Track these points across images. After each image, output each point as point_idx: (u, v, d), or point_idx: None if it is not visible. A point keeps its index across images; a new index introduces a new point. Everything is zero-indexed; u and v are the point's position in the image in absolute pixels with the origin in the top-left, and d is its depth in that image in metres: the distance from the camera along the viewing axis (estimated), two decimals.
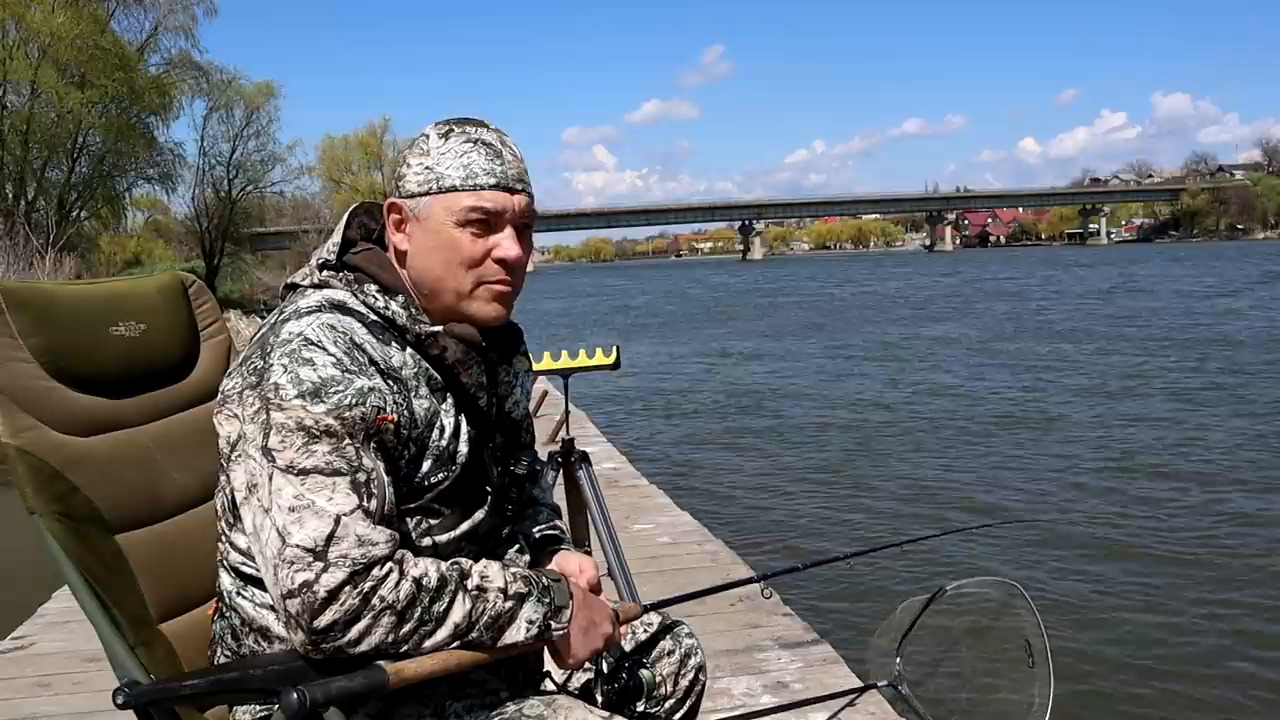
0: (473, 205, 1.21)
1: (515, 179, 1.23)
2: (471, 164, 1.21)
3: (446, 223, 1.22)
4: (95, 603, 1.23)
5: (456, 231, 1.21)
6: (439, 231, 1.22)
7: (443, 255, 1.22)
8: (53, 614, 3.87)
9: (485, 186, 1.21)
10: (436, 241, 1.22)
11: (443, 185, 1.21)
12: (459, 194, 1.21)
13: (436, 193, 1.22)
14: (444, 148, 1.22)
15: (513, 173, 1.23)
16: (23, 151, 26.19)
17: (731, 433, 10.40)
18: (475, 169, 1.21)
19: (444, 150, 1.22)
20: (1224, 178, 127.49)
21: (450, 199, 1.21)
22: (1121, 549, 5.82)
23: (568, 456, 2.89)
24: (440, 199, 1.22)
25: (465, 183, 1.21)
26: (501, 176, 1.22)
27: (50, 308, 1.33)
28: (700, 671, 1.49)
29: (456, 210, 1.21)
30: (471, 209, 1.21)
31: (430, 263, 1.23)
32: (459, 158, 1.21)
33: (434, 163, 1.22)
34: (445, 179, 1.21)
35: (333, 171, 55.38)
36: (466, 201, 1.21)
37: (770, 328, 24.50)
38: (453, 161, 1.21)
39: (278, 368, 1.11)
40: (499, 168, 1.22)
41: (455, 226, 1.21)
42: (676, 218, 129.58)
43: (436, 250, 1.23)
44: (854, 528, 6.53)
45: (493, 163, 1.22)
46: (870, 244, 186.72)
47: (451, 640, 1.11)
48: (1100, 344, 17.03)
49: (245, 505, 1.13)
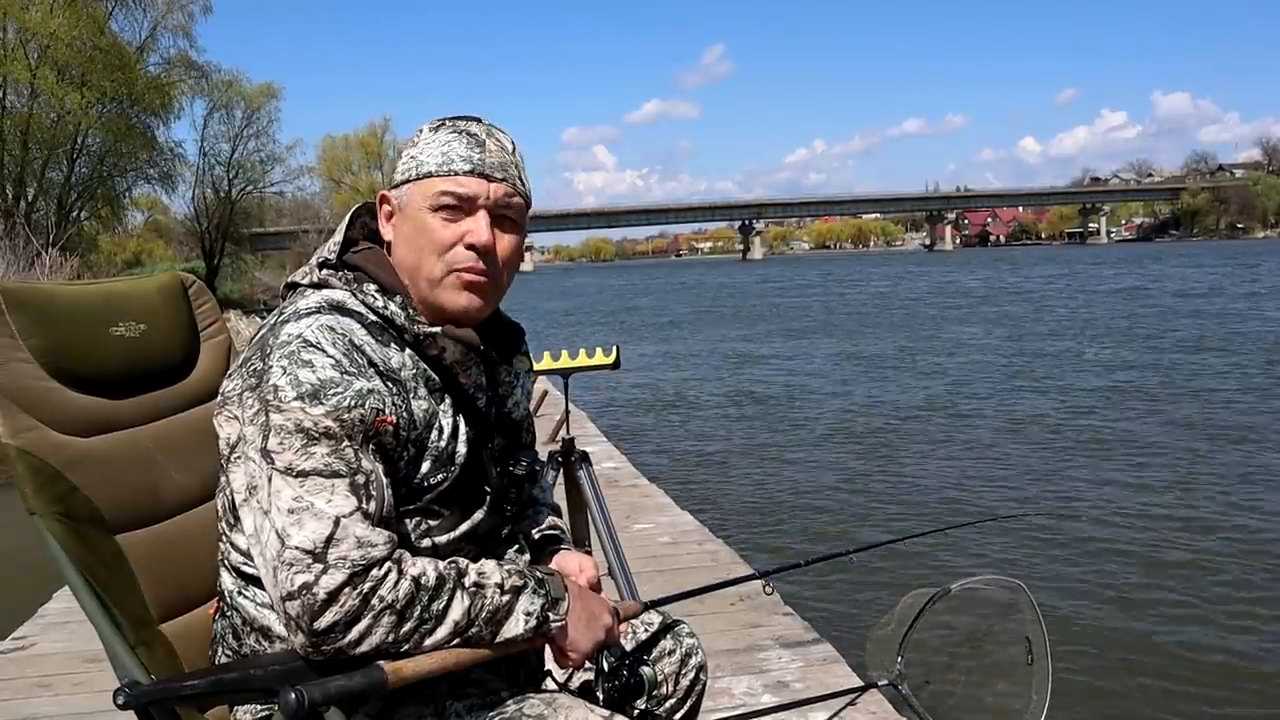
0: (444, 189, 1.21)
1: (495, 167, 1.23)
2: (450, 151, 1.22)
3: (422, 208, 1.22)
4: (96, 603, 1.23)
5: (429, 216, 1.22)
6: (414, 217, 1.23)
7: (416, 242, 1.23)
8: (53, 614, 3.87)
9: (460, 172, 1.21)
10: (412, 228, 1.23)
11: (420, 172, 1.22)
12: (434, 179, 1.21)
13: (415, 179, 1.22)
14: (431, 139, 1.23)
15: (493, 160, 1.23)
16: (22, 152, 26.18)
17: (732, 432, 10.41)
18: (452, 155, 1.22)
19: (429, 141, 1.23)
20: (1224, 177, 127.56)
21: (426, 184, 1.22)
22: (1123, 548, 5.82)
23: (568, 456, 2.89)
24: (418, 185, 1.22)
25: (440, 168, 1.21)
26: (478, 164, 1.22)
27: (50, 308, 1.33)
28: (701, 671, 1.49)
29: (430, 195, 1.21)
30: (443, 193, 1.21)
31: (409, 251, 1.24)
32: (440, 146, 1.22)
33: (418, 152, 1.23)
34: (423, 165, 1.22)
35: (333, 171, 55.47)
36: (440, 186, 1.21)
37: (770, 328, 24.49)
38: (434, 150, 1.22)
39: (277, 369, 1.11)
40: (477, 155, 1.22)
41: (429, 211, 1.22)
42: (676, 217, 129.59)
43: (412, 237, 1.23)
44: (855, 526, 6.53)
45: (471, 150, 1.22)
46: (870, 244, 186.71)
47: (451, 638, 1.11)
48: (1102, 345, 17.03)
49: (245, 507, 1.13)
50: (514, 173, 1.25)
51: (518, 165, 1.26)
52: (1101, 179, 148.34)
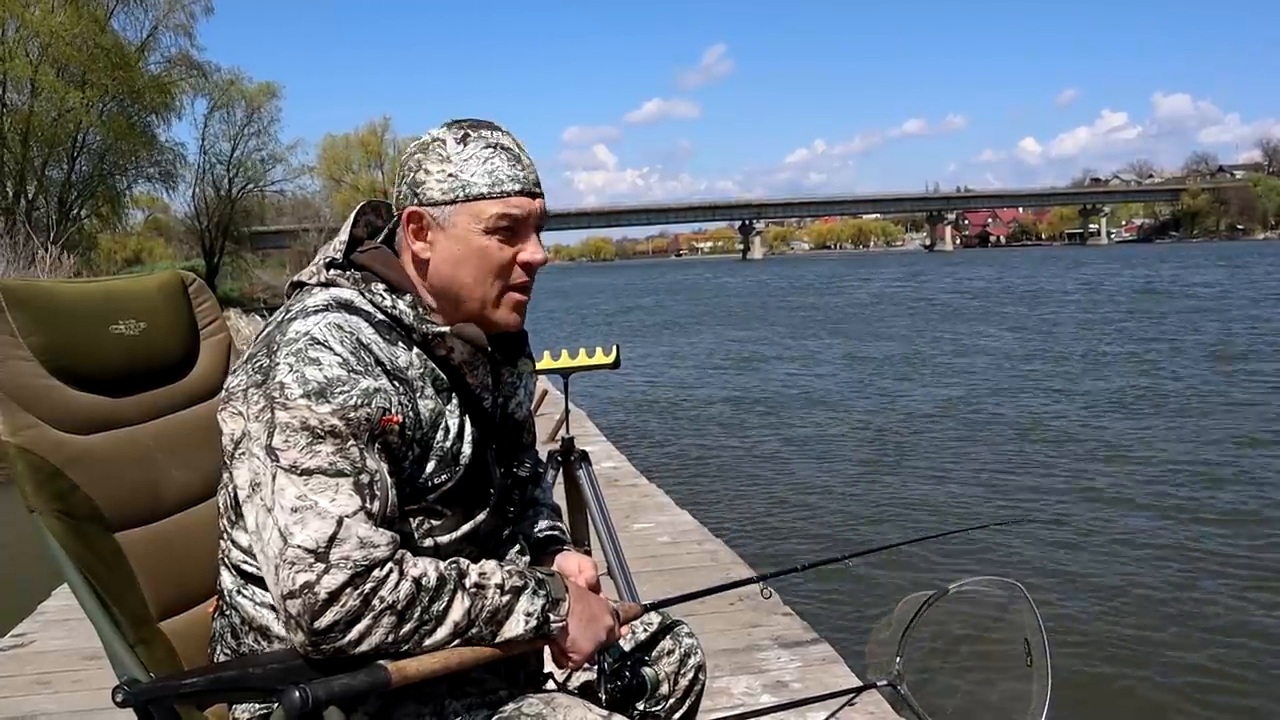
0: (501, 213, 1.20)
1: (535, 183, 1.24)
2: (496, 170, 1.21)
3: (474, 230, 1.21)
4: (95, 601, 1.23)
5: (484, 239, 1.21)
6: (466, 240, 1.21)
7: (472, 264, 1.22)
8: (52, 612, 3.87)
9: (511, 193, 1.21)
10: (465, 250, 1.22)
11: (470, 193, 1.20)
12: (486, 201, 1.21)
13: (463, 200, 1.21)
14: (465, 154, 1.21)
15: (533, 177, 1.24)
16: (23, 149, 26.21)
17: (732, 432, 10.41)
18: (500, 175, 1.21)
19: (466, 157, 1.21)
20: (1224, 178, 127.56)
21: (477, 207, 1.21)
22: (1122, 549, 5.82)
23: (567, 456, 2.89)
24: (467, 207, 1.21)
25: (492, 190, 1.20)
26: (525, 182, 1.22)
27: (50, 306, 1.33)
28: (700, 671, 1.49)
29: (485, 218, 1.21)
30: (500, 216, 1.21)
31: (458, 272, 1.23)
32: (482, 164, 1.21)
33: (457, 170, 1.21)
34: (472, 187, 1.20)
35: (333, 170, 55.49)
36: (494, 209, 1.20)
37: (770, 328, 24.49)
38: (477, 168, 1.21)
39: (283, 366, 1.11)
40: (521, 173, 1.22)
41: (483, 234, 1.21)
42: (677, 217, 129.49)
43: (465, 259, 1.22)
44: (854, 528, 6.52)
45: (515, 168, 1.22)
46: (870, 244, 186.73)
47: (451, 639, 1.11)
48: (1102, 345, 17.03)
49: (248, 504, 1.13)
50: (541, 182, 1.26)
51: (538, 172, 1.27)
52: (1102, 180, 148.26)
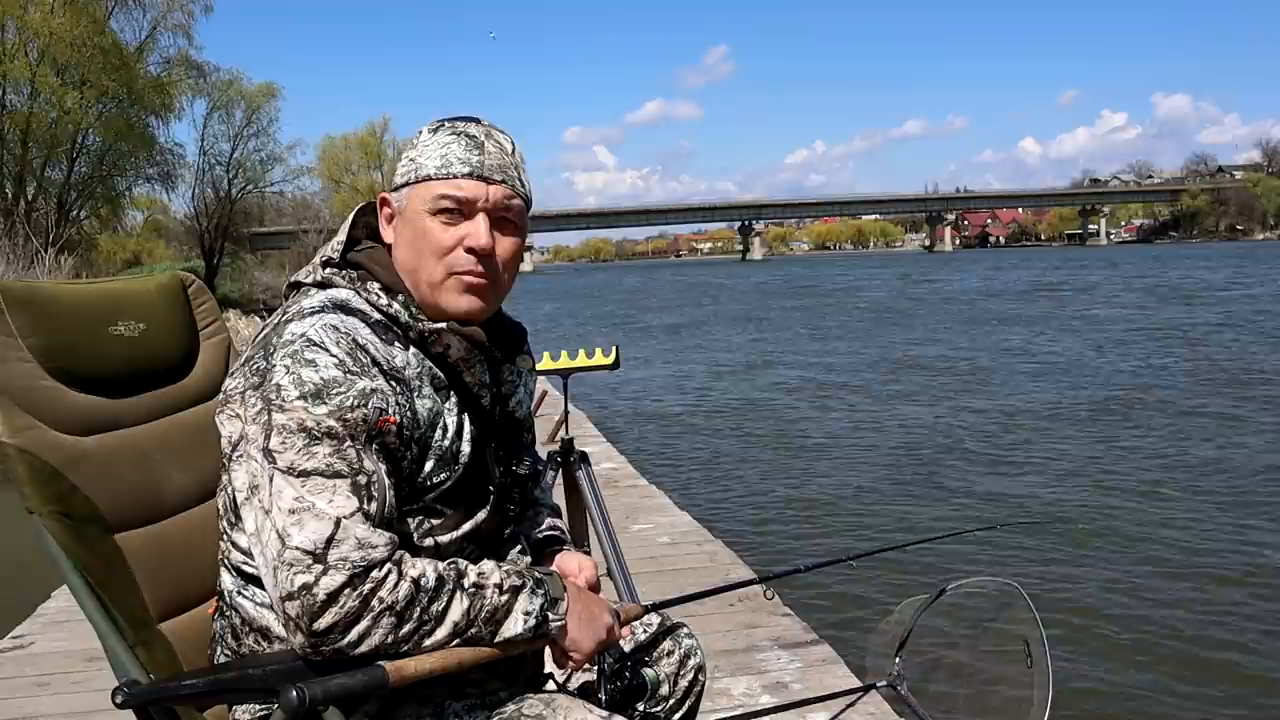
0: (443, 193, 1.21)
1: (494, 169, 1.23)
2: (449, 153, 1.22)
3: (421, 211, 1.22)
4: (94, 602, 1.23)
5: (429, 220, 1.22)
6: (414, 221, 1.23)
7: (416, 245, 1.23)
8: (52, 613, 3.87)
9: (459, 175, 1.21)
10: (413, 231, 1.23)
11: (420, 175, 1.22)
12: (433, 182, 1.22)
13: (415, 182, 1.23)
14: (429, 140, 1.23)
15: (492, 163, 1.23)
16: (22, 151, 26.16)
17: (731, 432, 10.40)
18: (451, 158, 1.21)
19: (428, 143, 1.23)
20: (1224, 178, 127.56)
21: (425, 188, 1.22)
22: (1122, 549, 5.82)
23: (567, 456, 2.89)
24: (417, 188, 1.22)
25: (440, 171, 1.21)
26: (477, 166, 1.22)
27: (50, 307, 1.33)
28: (700, 672, 1.49)
29: (429, 198, 1.22)
30: (442, 196, 1.21)
31: (409, 254, 1.24)
32: (439, 148, 1.22)
33: (416, 154, 1.23)
34: (423, 168, 1.22)
35: (333, 171, 55.44)
36: (439, 189, 1.21)
37: (769, 328, 24.49)
38: (433, 152, 1.22)
39: (280, 369, 1.11)
40: (476, 157, 1.22)
41: (428, 215, 1.22)
42: (676, 218, 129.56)
43: (413, 241, 1.23)
44: (855, 528, 6.52)
45: (470, 152, 1.22)
46: (870, 244, 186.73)
47: (451, 639, 1.11)
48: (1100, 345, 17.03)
49: (246, 506, 1.13)
50: (513, 174, 1.25)
51: (517, 166, 1.26)
52: (1101, 180, 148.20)
